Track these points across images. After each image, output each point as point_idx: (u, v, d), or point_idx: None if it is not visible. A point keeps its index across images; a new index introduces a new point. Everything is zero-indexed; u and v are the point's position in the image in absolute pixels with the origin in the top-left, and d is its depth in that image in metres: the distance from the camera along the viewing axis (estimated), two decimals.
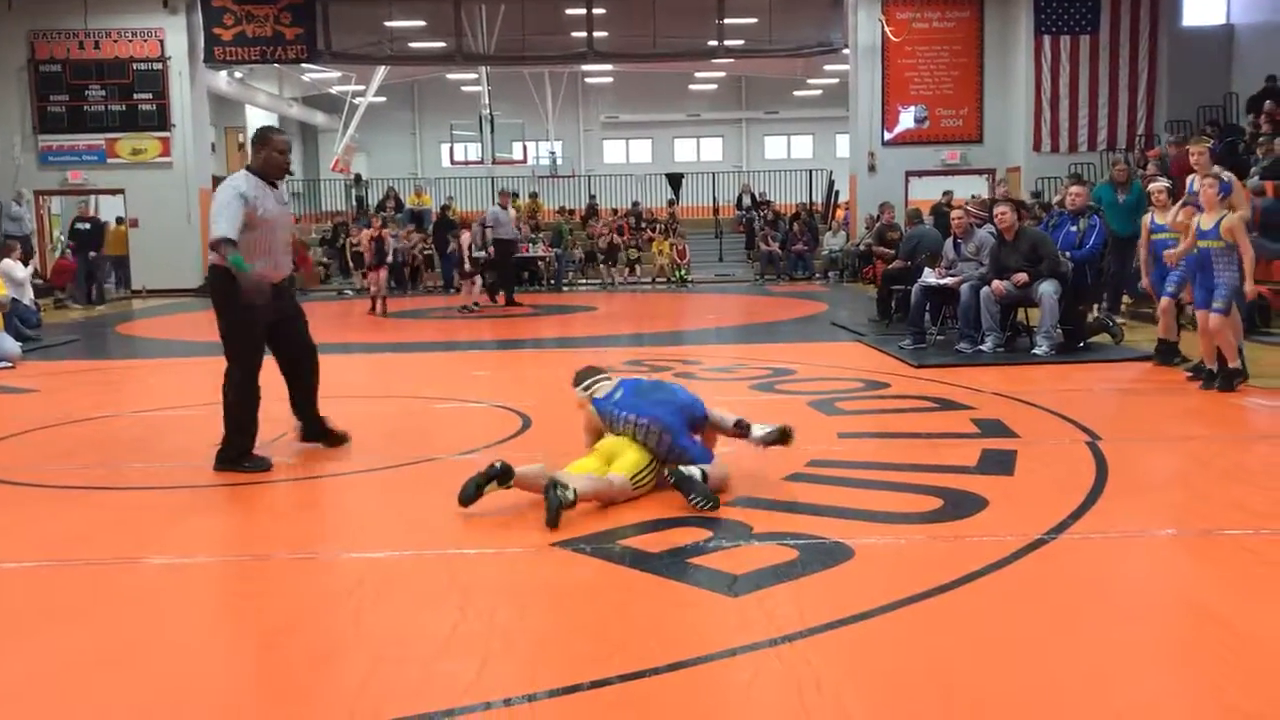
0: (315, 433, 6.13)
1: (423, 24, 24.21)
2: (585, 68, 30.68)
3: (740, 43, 24.08)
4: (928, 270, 10.28)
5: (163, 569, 4.07)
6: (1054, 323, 9.08)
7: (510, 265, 17.67)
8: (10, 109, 21.06)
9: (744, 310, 16.59)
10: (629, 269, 23.11)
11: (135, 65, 21.25)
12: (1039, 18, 20.79)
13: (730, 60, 26.22)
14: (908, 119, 21.66)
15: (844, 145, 26.68)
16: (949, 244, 10.21)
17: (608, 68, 31.09)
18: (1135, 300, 11.76)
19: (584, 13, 22.40)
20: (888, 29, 21.12)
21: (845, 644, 3.15)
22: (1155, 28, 20.83)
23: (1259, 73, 18.79)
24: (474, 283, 16.30)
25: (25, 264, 14.19)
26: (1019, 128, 21.20)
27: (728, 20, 22.61)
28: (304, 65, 25.56)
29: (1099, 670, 2.95)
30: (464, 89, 32.43)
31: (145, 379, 10.00)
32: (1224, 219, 7.19)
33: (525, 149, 30.92)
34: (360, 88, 29.04)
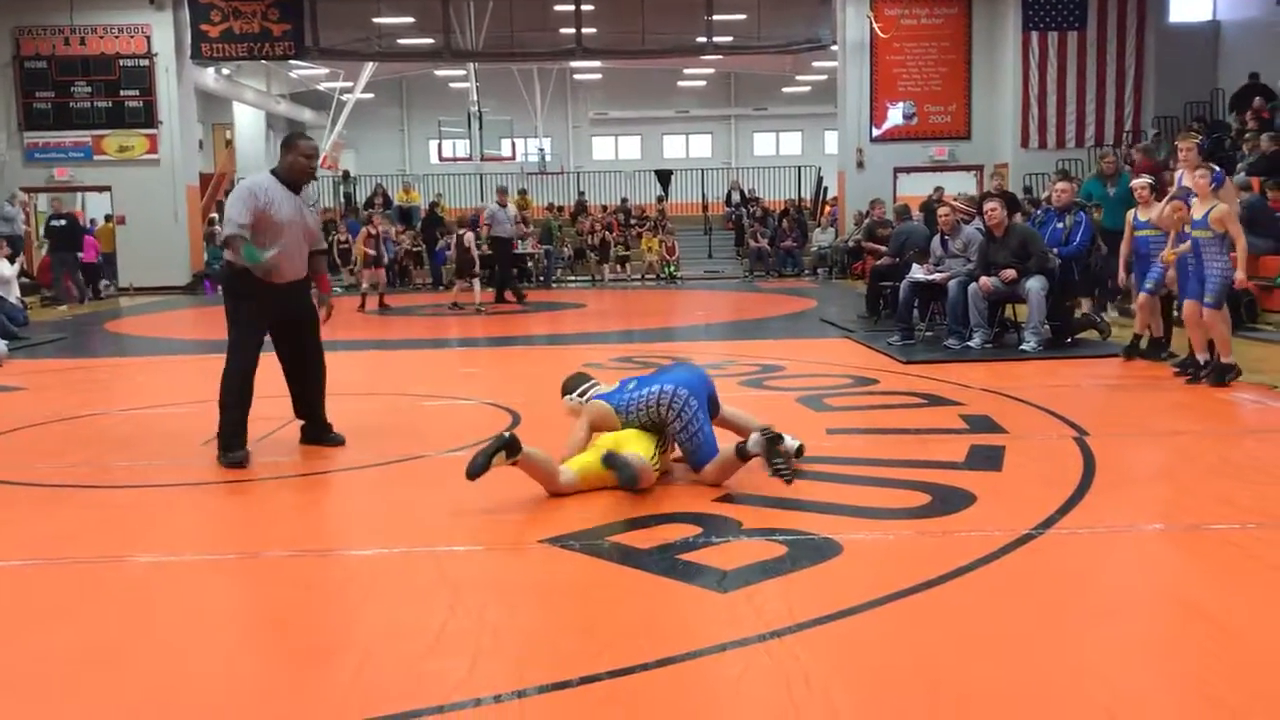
0: (315, 436, 6.14)
1: (411, 20, 24.15)
2: (574, 64, 30.68)
3: (729, 39, 24.08)
4: (916, 266, 10.31)
5: (150, 567, 4.05)
6: (1041, 318, 9.11)
7: (509, 263, 17.53)
8: None
9: (733, 307, 16.61)
10: (619, 265, 23.11)
11: (122, 62, 21.17)
12: (1027, 14, 20.85)
13: (719, 57, 26.24)
14: (896, 115, 21.70)
15: (832, 142, 26.72)
16: (936, 241, 10.23)
17: (596, 64, 31.07)
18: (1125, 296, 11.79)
19: (572, 9, 22.39)
20: (876, 25, 21.15)
21: (834, 639, 3.16)
22: (1142, 24, 20.90)
23: (1245, 69, 18.88)
24: (471, 282, 16.02)
25: (11, 262, 14.14)
26: (1007, 124, 21.26)
27: (716, 16, 22.62)
28: (292, 62, 25.50)
29: (1086, 664, 2.96)
30: (452, 85, 32.38)
31: (133, 377, 9.97)
32: (1213, 209, 7.21)
33: (514, 146, 30.91)
34: (348, 84, 28.97)
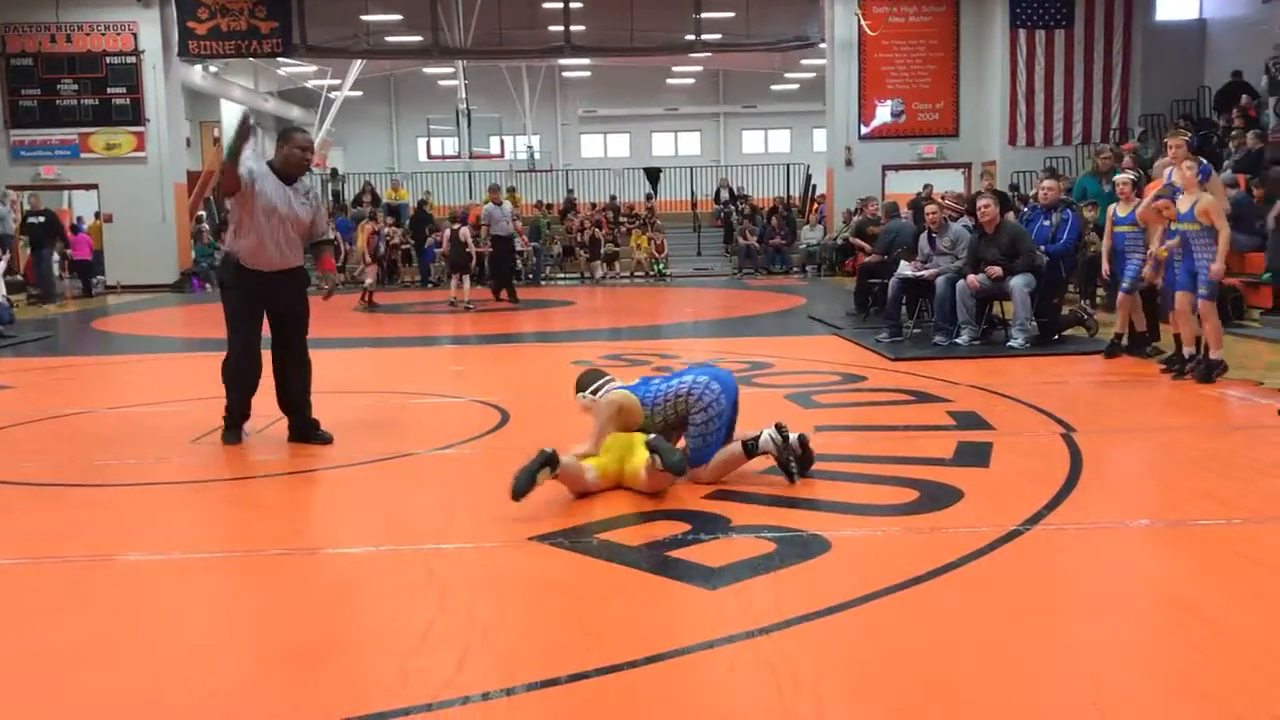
0: (303, 434, 6.14)
1: (399, 18, 24.12)
2: (562, 62, 30.69)
3: (717, 37, 24.11)
4: (904, 263, 10.33)
5: (138, 565, 4.04)
6: (1028, 316, 9.14)
7: (508, 260, 17.33)
8: None
9: (722, 304, 16.61)
10: (608, 263, 23.10)
11: (108, 59, 21.09)
12: (1014, 12, 20.91)
13: (707, 54, 26.27)
14: (884, 113, 21.75)
15: (821, 139, 26.74)
16: (923, 238, 10.24)
17: (585, 62, 31.07)
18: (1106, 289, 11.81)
19: (561, 6, 22.37)
20: (864, 23, 21.20)
21: (822, 636, 3.17)
22: (1129, 22, 20.99)
23: (1231, 67, 18.98)
24: (463, 280, 15.92)
25: None
26: (995, 122, 21.32)
27: (705, 14, 22.63)
28: (279, 59, 25.41)
29: (1073, 659, 2.97)
30: (441, 83, 32.33)
31: (120, 375, 9.93)
32: (1199, 201, 7.24)
33: (503, 143, 30.87)
34: (336, 82, 28.90)
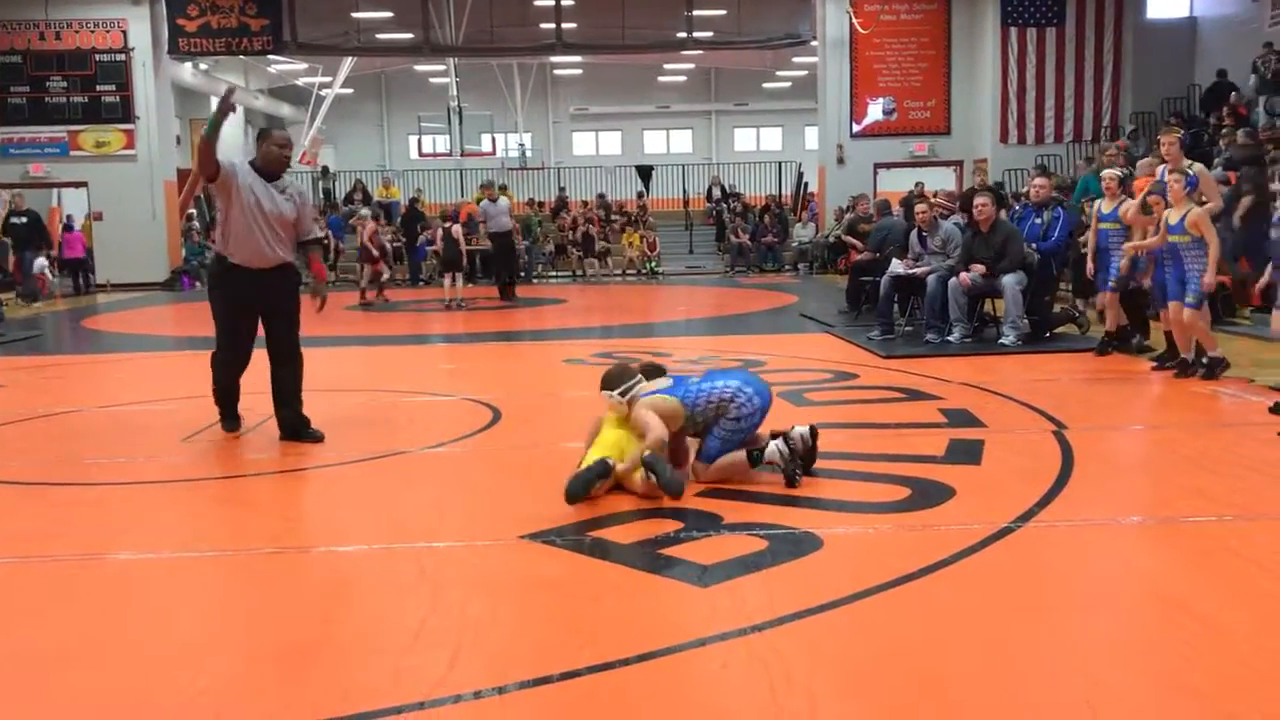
0: (294, 432, 6.13)
1: (390, 15, 24.05)
2: (554, 59, 30.62)
3: (709, 34, 24.08)
4: (896, 261, 10.33)
5: (128, 564, 4.03)
6: (1019, 313, 9.15)
7: (506, 257, 17.05)
8: None
9: (714, 302, 16.62)
10: (598, 260, 23.08)
11: (98, 56, 21.00)
12: (1005, 10, 20.92)
13: (699, 52, 26.25)
14: (876, 111, 21.76)
15: (813, 137, 26.76)
16: (913, 237, 10.25)
17: (576, 59, 31.02)
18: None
19: (552, 4, 22.34)
20: (856, 21, 21.20)
21: (814, 633, 3.17)
22: (1120, 20, 21.02)
23: (1221, 65, 19.01)
24: (456, 278, 15.82)
25: None
26: (986, 119, 21.34)
27: (696, 12, 22.62)
28: (270, 57, 25.32)
29: (1065, 656, 2.98)
30: (432, 81, 32.26)
31: (110, 373, 9.89)
32: (1188, 213, 7.29)
33: (494, 141, 30.82)
34: (327, 79, 28.83)
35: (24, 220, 18.84)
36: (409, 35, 23.87)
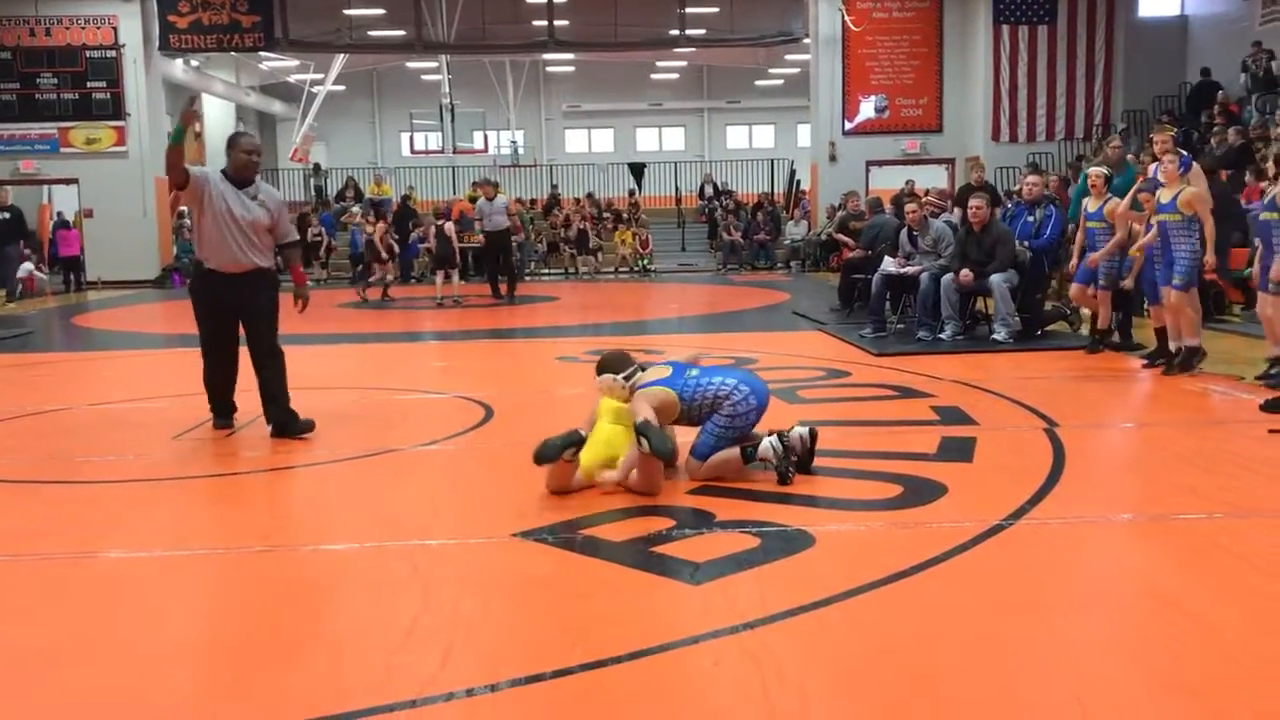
0: (279, 428, 6.14)
1: (382, 12, 24.00)
2: (546, 56, 30.57)
3: (702, 32, 24.07)
4: (888, 259, 10.34)
5: (119, 562, 4.02)
6: (1009, 311, 9.17)
7: (503, 256, 16.79)
8: None
9: (706, 300, 16.62)
10: (594, 257, 23.06)
11: (88, 53, 20.92)
12: (997, 7, 20.95)
13: (692, 49, 26.22)
14: (868, 109, 21.77)
15: (805, 135, 26.73)
16: (904, 235, 10.25)
17: (569, 57, 30.97)
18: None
19: (544, 1, 22.30)
20: (848, 19, 21.21)
21: (806, 630, 3.17)
22: (1111, 18, 21.06)
23: (1212, 64, 19.07)
24: (450, 275, 15.73)
25: None
26: (978, 117, 21.37)
27: (689, 9, 22.60)
28: (261, 54, 25.25)
29: (1056, 652, 2.99)
30: (424, 78, 32.17)
31: (101, 371, 9.86)
32: (1181, 192, 7.27)
33: (486, 138, 30.72)
34: (319, 76, 28.72)
35: (7, 216, 18.57)
36: (401, 32, 23.82)
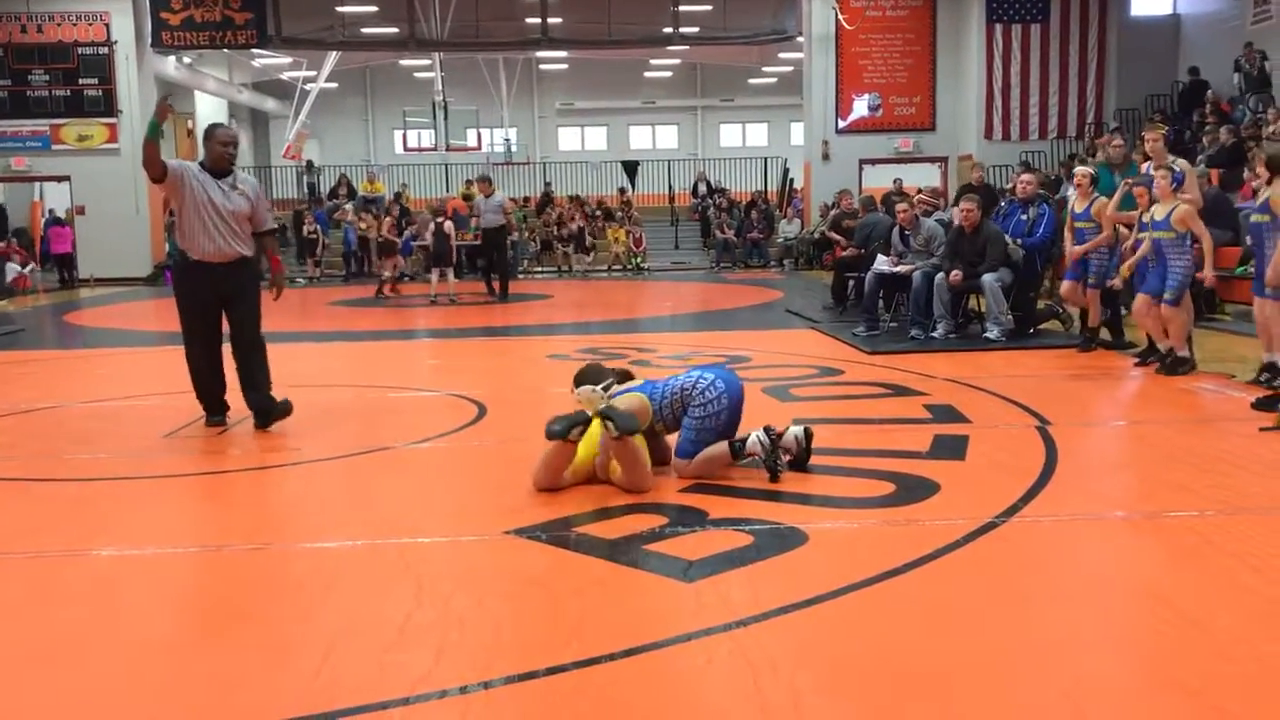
0: (262, 418, 6.25)
1: (375, 9, 23.98)
2: (540, 54, 30.53)
3: (695, 30, 24.09)
4: (881, 257, 10.35)
5: (111, 560, 4.00)
6: (1001, 310, 9.18)
7: (499, 252, 16.73)
8: None
9: (700, 298, 16.62)
10: (587, 254, 23.04)
11: (80, 50, 20.87)
12: (990, 6, 20.99)
13: (685, 47, 26.21)
14: (861, 107, 21.80)
15: (798, 133, 26.78)
16: (896, 235, 10.26)
17: (562, 54, 30.94)
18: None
19: None
20: (841, 17, 21.23)
21: (799, 627, 3.18)
22: (1104, 17, 21.11)
23: (1204, 63, 19.12)
24: (445, 273, 15.70)
25: None
26: (971, 116, 21.41)
27: (683, 7, 22.62)
28: (254, 51, 25.19)
29: (1048, 649, 2.99)
30: (417, 75, 32.13)
31: (92, 369, 9.83)
32: (1175, 210, 7.30)
33: (479, 136, 30.71)
34: (312, 73, 28.68)
35: None
36: (394, 29, 23.80)
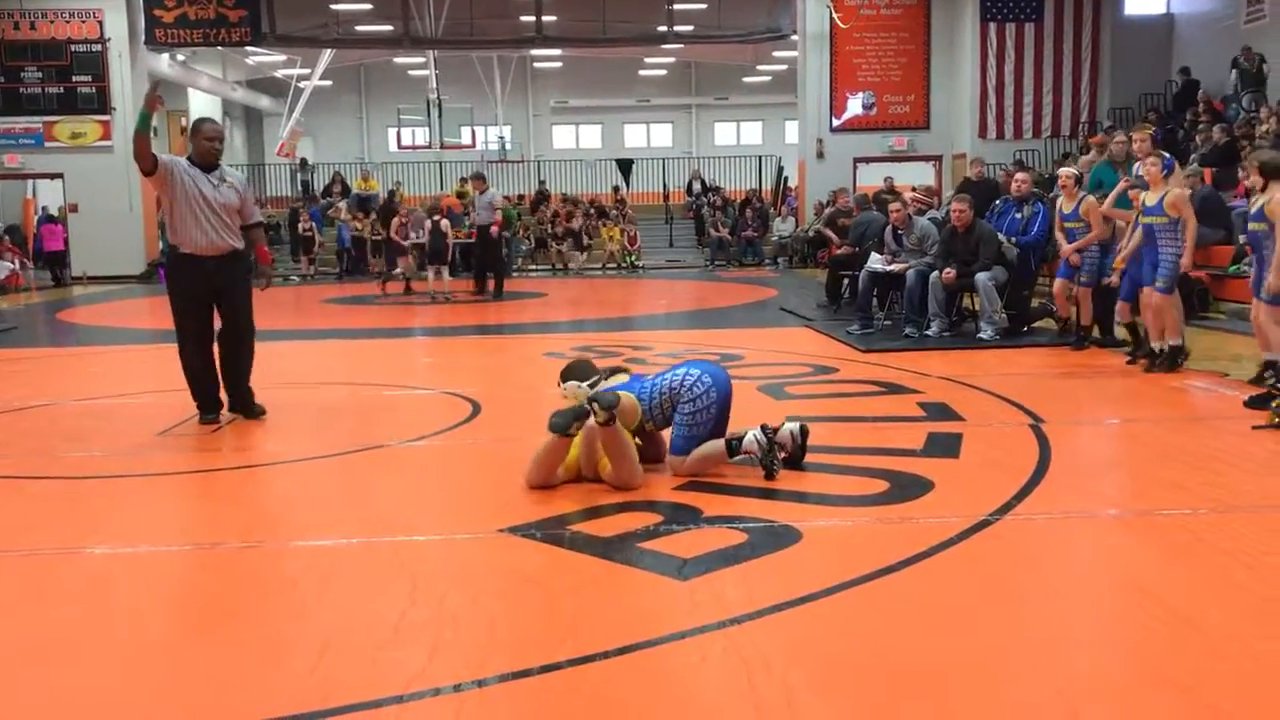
0: (242, 406, 6.44)
1: (369, 7, 23.94)
2: (534, 52, 30.49)
3: (689, 28, 24.08)
4: (875, 256, 10.36)
5: (105, 558, 4.00)
6: (995, 308, 9.19)
7: (498, 249, 16.62)
8: None
9: (694, 296, 16.63)
10: (581, 252, 23.04)
11: (73, 47, 20.82)
12: (984, 5, 21.01)
13: (680, 46, 26.23)
14: (855, 106, 21.82)
15: (793, 132, 26.77)
16: (889, 234, 10.26)
17: (557, 52, 30.93)
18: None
19: None
20: (836, 16, 21.24)
21: (793, 625, 3.18)
22: (1098, 16, 21.14)
23: (1198, 62, 19.15)
24: (441, 271, 15.63)
25: None
26: (965, 115, 21.43)
27: (677, 6, 22.61)
28: (248, 48, 25.14)
29: (1041, 647, 3.00)
30: (411, 73, 32.10)
31: (86, 367, 9.82)
32: (1167, 194, 7.30)
33: (474, 134, 30.67)
34: (305, 71, 28.62)
35: None
36: (388, 27, 23.77)
